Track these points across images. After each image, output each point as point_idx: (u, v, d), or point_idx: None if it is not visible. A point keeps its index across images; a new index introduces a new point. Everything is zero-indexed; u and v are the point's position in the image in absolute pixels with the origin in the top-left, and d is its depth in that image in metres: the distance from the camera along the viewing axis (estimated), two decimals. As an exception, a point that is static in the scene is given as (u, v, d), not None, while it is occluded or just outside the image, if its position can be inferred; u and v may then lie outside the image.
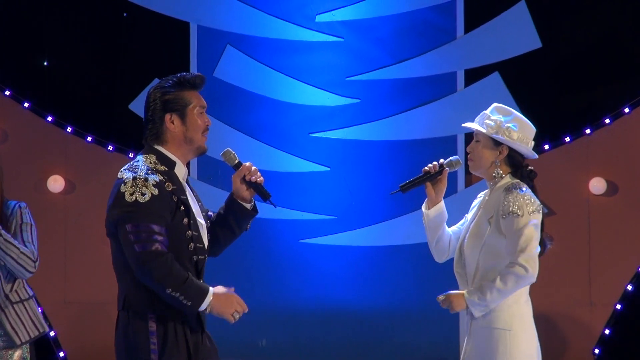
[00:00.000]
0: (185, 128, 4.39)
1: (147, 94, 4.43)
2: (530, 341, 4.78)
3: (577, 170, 7.74)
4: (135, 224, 4.14)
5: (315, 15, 7.76)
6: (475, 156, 4.88)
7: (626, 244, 7.64)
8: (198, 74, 4.47)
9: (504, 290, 4.66)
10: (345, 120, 7.75)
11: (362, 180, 7.75)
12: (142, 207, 4.14)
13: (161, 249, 4.11)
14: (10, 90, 7.83)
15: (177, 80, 4.44)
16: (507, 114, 4.85)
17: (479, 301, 4.70)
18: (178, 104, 4.40)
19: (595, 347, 7.63)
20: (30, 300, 5.78)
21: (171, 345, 4.18)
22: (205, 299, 4.11)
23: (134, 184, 4.21)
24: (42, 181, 7.82)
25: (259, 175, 4.46)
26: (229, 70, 7.74)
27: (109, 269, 8.17)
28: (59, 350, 7.71)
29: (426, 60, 7.74)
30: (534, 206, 4.71)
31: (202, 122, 4.41)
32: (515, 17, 7.69)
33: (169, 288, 4.08)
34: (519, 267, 4.63)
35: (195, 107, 4.42)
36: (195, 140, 4.39)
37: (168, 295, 4.08)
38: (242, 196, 4.47)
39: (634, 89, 7.73)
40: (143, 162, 4.31)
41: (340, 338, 7.70)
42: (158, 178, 4.23)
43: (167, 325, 4.19)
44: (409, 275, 7.69)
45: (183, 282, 4.08)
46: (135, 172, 4.24)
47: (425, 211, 4.97)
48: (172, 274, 4.08)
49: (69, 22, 7.98)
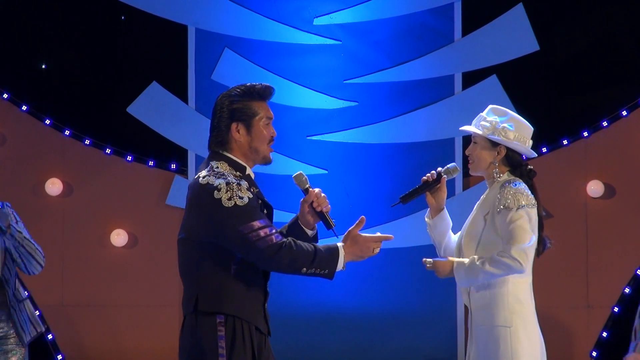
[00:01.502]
0: (251, 138, 4.43)
1: (215, 100, 4.47)
2: (533, 338, 4.80)
3: (575, 173, 7.74)
4: (246, 225, 4.23)
5: (313, 18, 7.76)
6: (474, 158, 4.91)
7: (624, 247, 7.65)
8: (268, 85, 4.48)
9: (492, 273, 4.72)
10: (343, 123, 7.76)
11: (359, 183, 7.76)
12: (244, 209, 4.25)
13: (280, 239, 4.25)
14: (9, 94, 7.84)
15: (246, 90, 4.45)
16: (502, 115, 4.88)
17: (465, 275, 4.76)
18: (245, 113, 4.43)
19: (592, 350, 7.64)
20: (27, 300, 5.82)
21: (238, 349, 4.27)
22: (338, 260, 4.33)
23: (228, 189, 4.27)
24: (40, 184, 7.82)
25: (326, 203, 4.52)
26: (227, 73, 7.75)
27: (107, 271, 8.22)
28: (57, 353, 7.71)
29: (424, 63, 7.75)
30: (527, 199, 4.75)
31: (268, 133, 4.45)
32: (512, 20, 7.69)
33: (303, 268, 4.27)
34: (510, 258, 4.67)
35: (262, 119, 4.44)
36: (260, 150, 4.45)
37: (306, 274, 4.29)
38: (306, 221, 4.54)
39: (631, 92, 7.74)
40: (222, 168, 4.37)
41: (339, 341, 7.70)
42: (244, 182, 4.32)
43: (235, 328, 4.28)
44: (408, 277, 7.69)
45: (312, 258, 4.27)
46: (225, 178, 4.30)
47: (428, 221, 5.02)
48: (299, 256, 4.25)
49: (67, 25, 7.98)
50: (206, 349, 4.27)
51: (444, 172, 4.97)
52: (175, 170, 7.84)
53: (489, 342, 4.76)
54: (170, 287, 7.76)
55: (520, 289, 4.79)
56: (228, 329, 4.28)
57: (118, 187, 7.84)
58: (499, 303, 4.75)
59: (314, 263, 4.26)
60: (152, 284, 7.80)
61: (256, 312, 4.34)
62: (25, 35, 7.96)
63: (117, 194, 7.84)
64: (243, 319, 4.29)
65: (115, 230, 7.81)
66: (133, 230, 7.84)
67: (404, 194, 4.95)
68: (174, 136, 7.78)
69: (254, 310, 4.33)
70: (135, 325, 7.80)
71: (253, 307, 4.33)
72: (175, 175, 7.81)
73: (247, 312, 4.30)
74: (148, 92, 7.79)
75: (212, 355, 4.27)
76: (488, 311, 4.77)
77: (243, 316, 4.29)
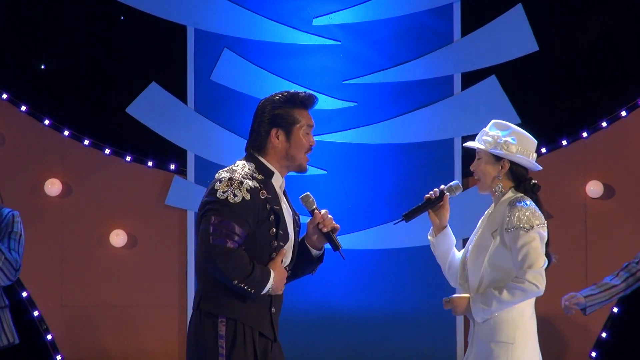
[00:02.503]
0: (289, 145, 4.47)
1: (257, 104, 4.52)
2: (533, 355, 4.79)
3: (574, 173, 7.74)
4: (220, 219, 4.24)
5: (313, 19, 7.76)
6: (479, 173, 4.89)
7: (623, 247, 7.64)
8: (311, 93, 4.53)
9: (510, 302, 4.68)
10: (342, 123, 7.75)
11: (359, 183, 7.76)
12: (231, 206, 4.25)
13: (234, 247, 4.22)
14: (8, 94, 7.83)
15: (289, 97, 4.49)
16: (504, 129, 4.87)
17: (483, 307, 4.71)
18: (286, 120, 4.47)
19: (592, 351, 7.64)
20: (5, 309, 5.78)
21: (239, 350, 4.27)
22: (267, 285, 4.30)
23: (229, 183, 4.31)
24: (39, 184, 7.81)
25: (333, 224, 4.49)
26: (226, 73, 7.74)
27: (106, 272, 8.21)
28: (56, 354, 7.71)
29: (423, 63, 7.74)
30: (539, 219, 4.73)
31: (307, 142, 4.50)
32: (512, 21, 7.69)
33: (235, 280, 4.22)
34: (528, 283, 4.65)
35: (302, 127, 4.49)
36: (297, 158, 4.48)
37: (234, 285, 4.23)
38: (312, 242, 4.52)
39: (630, 92, 7.74)
40: (242, 167, 4.39)
41: (338, 341, 7.69)
42: (253, 184, 4.32)
43: (237, 329, 4.28)
44: (407, 278, 7.69)
45: (248, 275, 4.22)
46: (233, 174, 4.33)
47: (432, 239, 5.00)
48: (239, 268, 4.22)
49: (66, 25, 7.98)
50: (208, 348, 4.29)
51: (447, 190, 4.96)
52: (175, 170, 7.83)
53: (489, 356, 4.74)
54: (170, 287, 7.75)
55: (525, 303, 4.78)
56: (229, 331, 4.28)
57: (117, 188, 7.84)
58: (502, 318, 4.74)
59: (247, 279, 4.25)
60: (152, 284, 7.79)
61: (260, 317, 4.34)
62: (24, 36, 7.95)
63: (116, 194, 7.84)
64: (245, 324, 4.29)
65: (115, 230, 7.80)
66: (132, 230, 7.83)
67: (406, 212, 4.95)
68: (173, 136, 7.78)
69: (257, 315, 4.33)
70: (134, 326, 7.79)
71: (257, 312, 4.33)
72: (175, 175, 7.80)
73: (249, 317, 4.30)
74: (147, 92, 7.79)
75: (212, 352, 4.28)
76: (491, 325, 4.75)
77: (245, 321, 4.30)
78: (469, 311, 4.75)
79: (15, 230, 5.79)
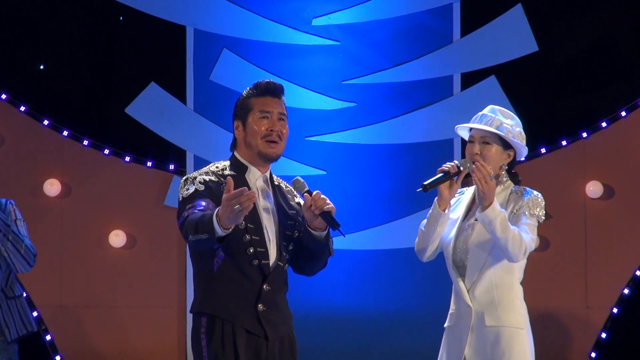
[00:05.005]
0: (246, 134, 4.42)
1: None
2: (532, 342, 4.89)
3: (574, 173, 7.74)
4: (182, 212, 4.22)
5: (312, 19, 7.76)
6: (488, 159, 4.86)
7: (622, 248, 7.64)
8: (270, 80, 4.48)
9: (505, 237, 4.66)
10: (341, 123, 7.75)
11: (358, 183, 7.75)
12: (185, 199, 4.26)
13: (186, 215, 4.17)
14: (7, 94, 7.83)
15: (252, 88, 4.48)
16: (513, 118, 4.92)
17: (493, 217, 4.67)
18: (242, 110, 4.44)
19: (591, 351, 7.63)
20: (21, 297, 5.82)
21: (216, 344, 4.24)
22: (213, 223, 4.02)
23: (183, 184, 4.33)
24: (39, 185, 7.81)
25: (327, 204, 4.37)
26: (225, 73, 7.74)
27: (105, 272, 8.21)
28: (55, 354, 7.70)
29: (423, 63, 7.74)
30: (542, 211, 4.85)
31: (259, 128, 4.39)
32: (511, 21, 7.69)
33: (189, 235, 4.10)
34: (525, 242, 4.69)
35: (255, 113, 4.41)
36: (253, 145, 4.40)
37: (193, 241, 4.10)
38: (312, 225, 4.42)
39: (630, 93, 7.74)
40: (211, 166, 4.42)
41: (337, 341, 7.69)
42: (209, 178, 4.30)
43: (215, 324, 4.25)
44: (406, 278, 7.69)
45: (195, 225, 4.06)
46: (190, 174, 4.37)
47: (442, 212, 4.91)
48: (189, 225, 4.09)
49: (65, 25, 7.98)
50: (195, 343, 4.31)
51: (462, 165, 4.92)
52: (174, 170, 7.83)
53: (500, 343, 4.77)
54: (169, 288, 7.75)
55: (521, 292, 4.89)
56: (209, 326, 4.27)
57: (116, 188, 7.84)
58: (508, 305, 4.81)
59: (197, 229, 4.06)
60: (151, 284, 7.79)
61: (242, 312, 4.27)
62: (23, 36, 7.95)
63: (115, 194, 7.83)
64: (225, 319, 4.25)
65: (114, 231, 7.80)
66: (131, 231, 7.83)
67: (426, 182, 4.86)
68: (172, 137, 7.78)
69: (238, 310, 4.27)
70: (133, 326, 7.79)
71: (237, 308, 4.27)
72: (174, 175, 7.80)
73: (228, 312, 4.25)
74: (146, 92, 7.79)
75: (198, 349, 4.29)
76: (497, 312, 4.79)
77: (224, 316, 4.25)
78: (486, 201, 4.69)
79: (19, 217, 5.83)
